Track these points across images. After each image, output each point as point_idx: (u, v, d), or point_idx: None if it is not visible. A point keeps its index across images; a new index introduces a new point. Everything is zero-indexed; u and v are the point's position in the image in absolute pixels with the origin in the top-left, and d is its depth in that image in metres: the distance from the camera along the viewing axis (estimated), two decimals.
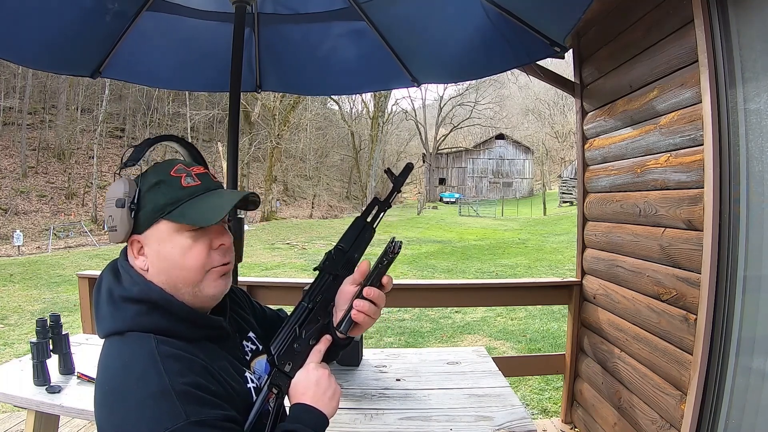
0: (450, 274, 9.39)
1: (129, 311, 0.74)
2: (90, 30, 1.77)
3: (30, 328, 5.65)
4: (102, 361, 0.74)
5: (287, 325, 0.86)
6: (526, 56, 1.82)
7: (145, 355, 0.70)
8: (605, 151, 2.38)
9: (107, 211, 0.77)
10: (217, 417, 0.68)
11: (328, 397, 0.81)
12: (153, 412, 0.65)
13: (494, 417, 1.45)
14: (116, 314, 0.74)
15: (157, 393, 0.66)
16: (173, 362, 0.70)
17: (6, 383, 1.64)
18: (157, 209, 0.76)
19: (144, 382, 0.67)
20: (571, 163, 32.93)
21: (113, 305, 0.75)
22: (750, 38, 1.49)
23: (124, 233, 0.76)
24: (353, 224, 0.93)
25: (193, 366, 0.72)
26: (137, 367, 0.69)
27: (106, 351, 0.74)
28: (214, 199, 0.78)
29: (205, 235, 0.78)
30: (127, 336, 0.73)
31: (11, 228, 18.89)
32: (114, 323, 0.74)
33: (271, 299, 2.78)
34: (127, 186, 0.76)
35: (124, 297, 0.75)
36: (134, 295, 0.75)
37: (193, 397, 0.67)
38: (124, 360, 0.71)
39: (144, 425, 0.65)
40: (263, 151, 27.80)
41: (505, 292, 2.96)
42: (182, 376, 0.69)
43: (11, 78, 24.33)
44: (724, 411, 1.57)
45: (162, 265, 0.77)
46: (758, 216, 1.50)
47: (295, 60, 2.20)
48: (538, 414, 3.09)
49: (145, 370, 0.68)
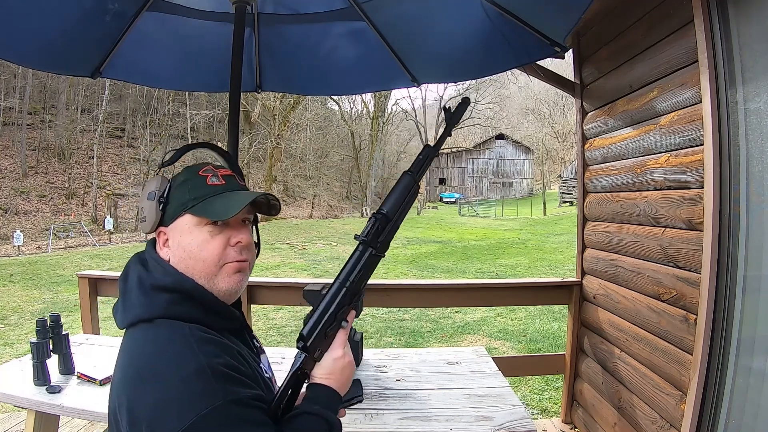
0: (450, 274, 9.39)
1: (161, 299, 0.77)
2: (90, 30, 1.77)
3: (30, 328, 5.65)
4: (130, 345, 0.76)
5: (323, 307, 0.82)
6: (526, 56, 1.82)
7: (180, 337, 0.72)
8: (605, 151, 2.38)
9: (141, 203, 0.85)
10: (250, 396, 0.71)
11: (346, 384, 0.85)
12: (191, 391, 0.66)
13: (494, 417, 1.45)
14: (147, 302, 0.77)
15: (194, 373, 0.67)
16: (207, 344, 0.72)
17: (6, 383, 1.64)
18: (182, 203, 0.82)
19: (181, 362, 0.69)
20: (571, 163, 32.92)
21: (144, 293, 0.78)
22: (750, 38, 1.49)
23: (152, 224, 0.84)
24: (401, 183, 0.87)
25: (226, 348, 0.75)
26: (173, 348, 0.71)
27: (136, 336, 0.76)
28: (234, 197, 0.83)
29: (225, 232, 0.83)
30: (158, 322, 0.75)
31: (11, 228, 18.88)
32: (145, 310, 0.76)
33: (271, 299, 2.79)
34: (160, 182, 0.85)
35: (156, 286, 0.78)
36: (168, 284, 0.78)
37: (229, 377, 0.70)
38: (159, 343, 0.72)
39: (183, 404, 0.65)
40: (263, 151, 27.78)
41: (505, 292, 2.96)
42: (217, 357, 0.71)
43: (11, 78, 24.31)
44: (724, 411, 1.57)
45: (181, 255, 0.82)
46: (758, 216, 1.50)
47: (295, 60, 2.20)
48: (538, 414, 3.09)
49: (181, 351, 0.70)
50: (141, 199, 0.85)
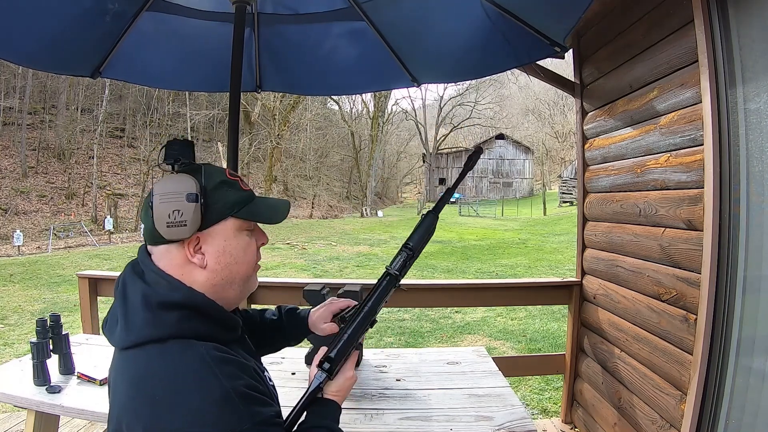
0: (450, 274, 9.39)
1: (171, 317, 0.73)
2: (90, 30, 1.77)
3: (30, 328, 5.65)
4: (137, 367, 0.71)
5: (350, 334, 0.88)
6: (526, 56, 1.82)
7: (198, 360, 0.70)
8: (605, 151, 2.38)
9: (172, 205, 0.74)
10: (272, 414, 0.72)
11: (347, 397, 0.92)
12: (218, 417, 0.66)
13: (494, 417, 1.45)
14: (156, 321, 0.72)
15: (220, 399, 0.67)
16: (226, 366, 0.71)
17: (6, 383, 1.64)
18: (228, 206, 0.79)
19: (204, 387, 0.67)
20: (571, 163, 32.92)
21: (151, 312, 0.73)
22: (750, 38, 1.49)
23: (194, 228, 0.76)
24: (425, 224, 0.96)
25: (243, 367, 0.74)
26: (194, 372, 0.69)
27: (145, 357, 0.71)
28: (270, 203, 0.86)
29: (254, 235, 0.85)
30: (170, 344, 0.71)
31: (11, 228, 18.88)
32: (153, 330, 0.72)
33: (271, 299, 2.78)
34: (194, 182, 0.76)
35: (164, 303, 0.73)
36: (177, 300, 0.74)
37: (252, 399, 0.70)
38: (178, 367, 0.69)
39: (211, 429, 0.65)
40: (263, 151, 27.79)
41: (505, 292, 2.96)
42: (238, 378, 0.70)
43: (11, 78, 24.30)
44: (724, 411, 1.57)
45: (226, 260, 0.80)
46: (758, 216, 1.50)
47: (295, 60, 2.20)
48: (538, 414, 3.09)
49: (203, 375, 0.68)
50: (172, 201, 0.75)
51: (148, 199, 0.78)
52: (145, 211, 0.78)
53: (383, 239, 15.10)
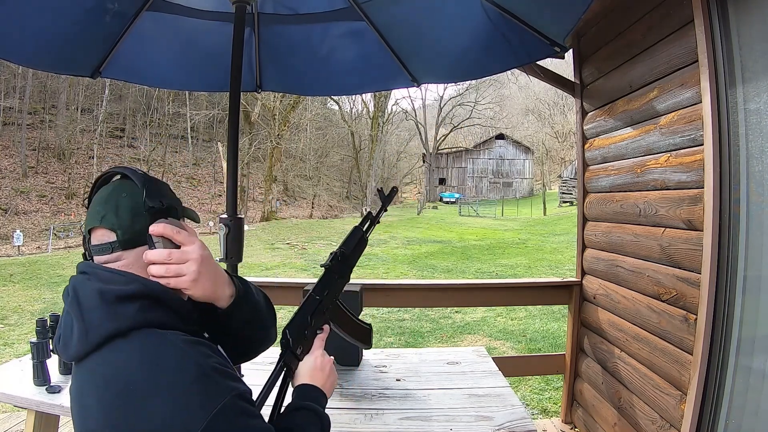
0: (450, 274, 9.39)
1: (130, 309, 0.71)
2: (90, 30, 1.77)
3: (30, 328, 5.65)
4: (110, 368, 0.69)
5: (300, 313, 0.98)
6: (526, 56, 1.82)
7: (167, 344, 0.70)
8: (605, 151, 2.38)
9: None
10: (247, 390, 0.73)
11: (330, 383, 0.94)
12: (198, 394, 0.66)
13: (494, 417, 1.45)
14: (116, 314, 0.71)
15: (200, 377, 0.67)
16: (196, 346, 0.71)
17: (6, 383, 1.64)
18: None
19: (180, 369, 0.67)
20: (571, 163, 32.92)
21: (108, 306, 0.71)
22: (750, 38, 1.49)
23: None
24: (353, 233, 1.13)
25: (213, 348, 0.75)
26: (166, 358, 0.68)
27: (115, 356, 0.70)
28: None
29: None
30: (133, 335, 0.70)
31: (11, 228, 18.88)
32: (114, 324, 0.70)
33: (271, 299, 2.78)
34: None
35: (121, 296, 0.72)
36: (135, 291, 0.73)
37: (226, 374, 0.71)
38: (148, 356, 0.68)
39: (194, 408, 0.65)
40: (263, 151, 27.77)
41: (505, 292, 2.96)
42: (210, 357, 0.71)
43: (11, 78, 24.31)
44: (724, 411, 1.57)
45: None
46: (758, 216, 1.50)
47: (295, 60, 2.20)
48: (538, 414, 3.09)
49: (177, 360, 0.68)
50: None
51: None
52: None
53: (383, 239, 15.09)
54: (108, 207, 0.78)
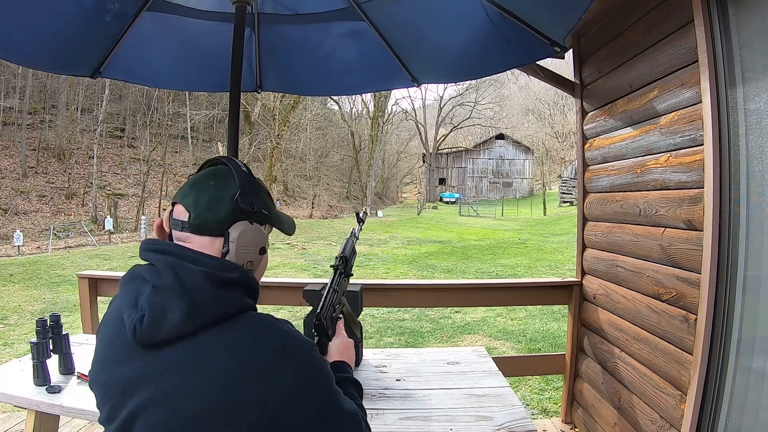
0: (450, 274, 9.39)
1: (234, 294, 0.77)
2: (90, 30, 1.77)
3: (30, 328, 5.64)
4: (218, 347, 0.71)
5: (327, 300, 1.16)
6: (526, 56, 1.82)
7: (273, 321, 0.78)
8: (605, 151, 2.38)
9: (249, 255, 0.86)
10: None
11: (352, 359, 1.12)
12: (315, 371, 0.78)
13: (494, 417, 1.45)
14: (221, 299, 0.75)
15: (309, 357, 0.78)
16: (283, 322, 0.80)
17: (6, 383, 1.63)
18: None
19: (303, 341, 0.78)
20: (571, 163, 32.91)
21: (214, 290, 0.74)
22: (750, 38, 1.49)
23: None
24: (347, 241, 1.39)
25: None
26: (280, 330, 0.77)
27: (221, 337, 0.72)
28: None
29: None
30: (240, 317, 0.76)
31: (11, 228, 18.87)
32: (221, 308, 0.74)
33: (271, 299, 2.78)
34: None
35: (226, 281, 0.77)
36: (237, 278, 0.79)
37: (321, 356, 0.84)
38: (260, 336, 0.75)
39: (326, 370, 0.80)
40: (263, 151, 27.77)
41: (505, 292, 2.95)
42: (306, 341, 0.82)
43: (11, 78, 24.30)
44: (724, 411, 1.57)
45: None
46: (758, 216, 1.50)
47: (295, 60, 2.20)
48: (538, 414, 3.09)
49: (287, 331, 0.78)
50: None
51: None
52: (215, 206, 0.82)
53: (383, 239, 15.09)
54: (194, 188, 0.82)
